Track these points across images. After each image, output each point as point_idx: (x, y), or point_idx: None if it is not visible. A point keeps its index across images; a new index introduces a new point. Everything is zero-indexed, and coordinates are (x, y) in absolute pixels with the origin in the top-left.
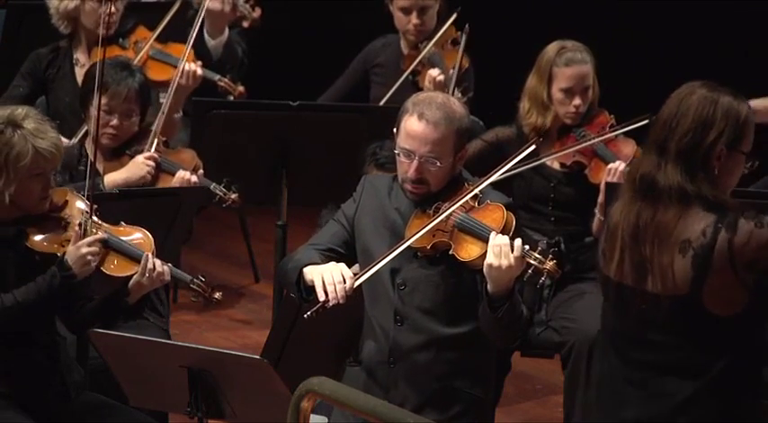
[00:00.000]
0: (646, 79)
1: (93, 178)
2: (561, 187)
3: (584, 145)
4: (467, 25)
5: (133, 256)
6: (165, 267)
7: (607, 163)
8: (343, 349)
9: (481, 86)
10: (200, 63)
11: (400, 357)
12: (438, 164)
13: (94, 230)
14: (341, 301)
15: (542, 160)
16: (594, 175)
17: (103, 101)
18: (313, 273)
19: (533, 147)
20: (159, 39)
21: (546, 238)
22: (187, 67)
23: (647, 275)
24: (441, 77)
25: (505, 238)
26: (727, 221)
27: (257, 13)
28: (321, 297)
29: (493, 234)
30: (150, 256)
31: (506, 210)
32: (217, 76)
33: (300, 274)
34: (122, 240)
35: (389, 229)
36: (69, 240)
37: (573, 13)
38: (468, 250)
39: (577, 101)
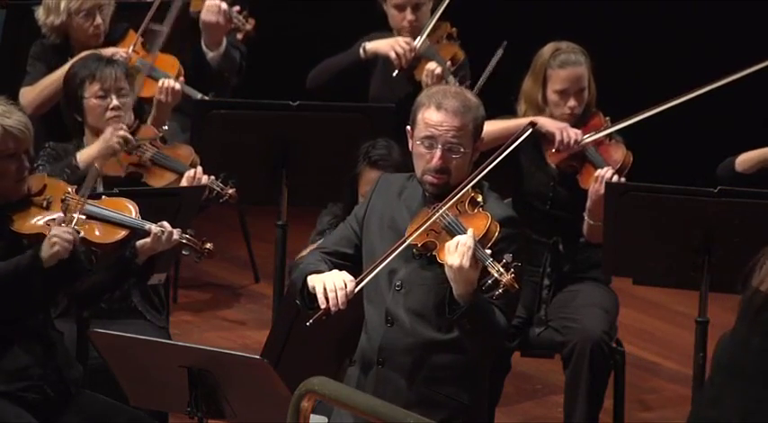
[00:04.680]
0: (642, 80)
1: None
2: (559, 187)
3: (577, 149)
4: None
5: (116, 222)
6: (175, 232)
7: (596, 168)
8: (343, 349)
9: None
10: (181, 79)
11: (388, 358)
12: (462, 150)
13: (78, 210)
14: (342, 308)
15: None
16: (584, 181)
17: (95, 88)
18: (315, 281)
19: (529, 131)
20: (149, 50)
21: (544, 237)
22: (167, 83)
23: None
24: (438, 70)
25: (464, 238)
26: None
27: (251, 24)
28: (322, 304)
29: (460, 235)
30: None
31: (493, 220)
32: (199, 95)
33: (305, 282)
34: (104, 208)
35: (393, 230)
36: (55, 219)
37: (571, 12)
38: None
39: (572, 103)
